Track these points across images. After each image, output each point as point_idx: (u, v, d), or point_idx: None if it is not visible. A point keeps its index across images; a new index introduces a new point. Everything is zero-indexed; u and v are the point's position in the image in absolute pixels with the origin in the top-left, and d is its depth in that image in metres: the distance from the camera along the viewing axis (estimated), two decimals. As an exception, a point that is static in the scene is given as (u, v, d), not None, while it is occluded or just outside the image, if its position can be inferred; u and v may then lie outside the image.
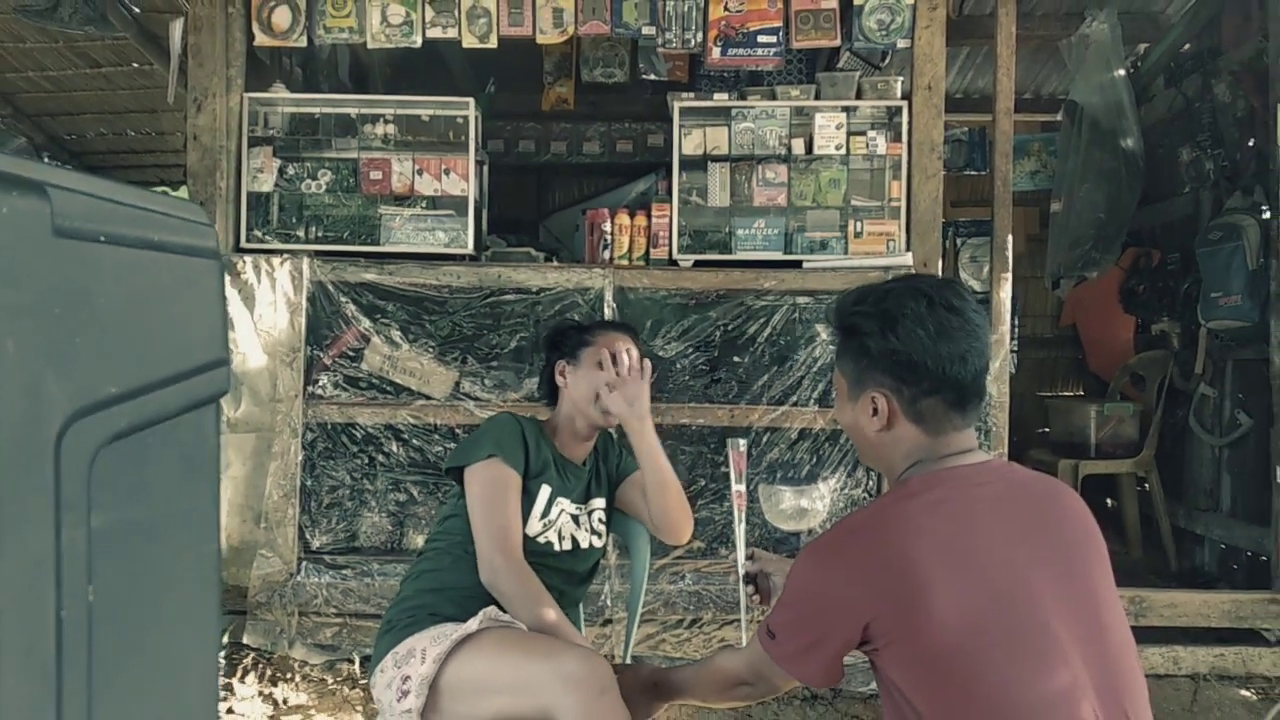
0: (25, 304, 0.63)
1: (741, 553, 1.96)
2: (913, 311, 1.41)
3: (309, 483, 3.56)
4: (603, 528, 2.27)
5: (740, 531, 2.02)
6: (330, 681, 3.45)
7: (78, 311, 0.66)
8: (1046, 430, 5.13)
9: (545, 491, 2.12)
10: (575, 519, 2.18)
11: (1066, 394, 5.83)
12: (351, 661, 3.47)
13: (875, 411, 1.45)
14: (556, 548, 2.14)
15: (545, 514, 2.13)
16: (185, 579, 0.76)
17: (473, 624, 1.89)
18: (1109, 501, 4.87)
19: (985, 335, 1.46)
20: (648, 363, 2.20)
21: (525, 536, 2.08)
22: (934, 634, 1.28)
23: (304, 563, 3.51)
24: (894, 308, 1.42)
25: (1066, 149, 4.80)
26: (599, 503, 2.26)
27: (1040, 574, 1.35)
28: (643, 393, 2.14)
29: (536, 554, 2.08)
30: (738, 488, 2.04)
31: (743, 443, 2.10)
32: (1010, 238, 3.62)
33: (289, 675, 3.44)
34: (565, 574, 2.17)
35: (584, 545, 2.20)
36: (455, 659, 1.85)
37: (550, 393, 2.28)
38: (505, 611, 1.99)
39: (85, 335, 0.67)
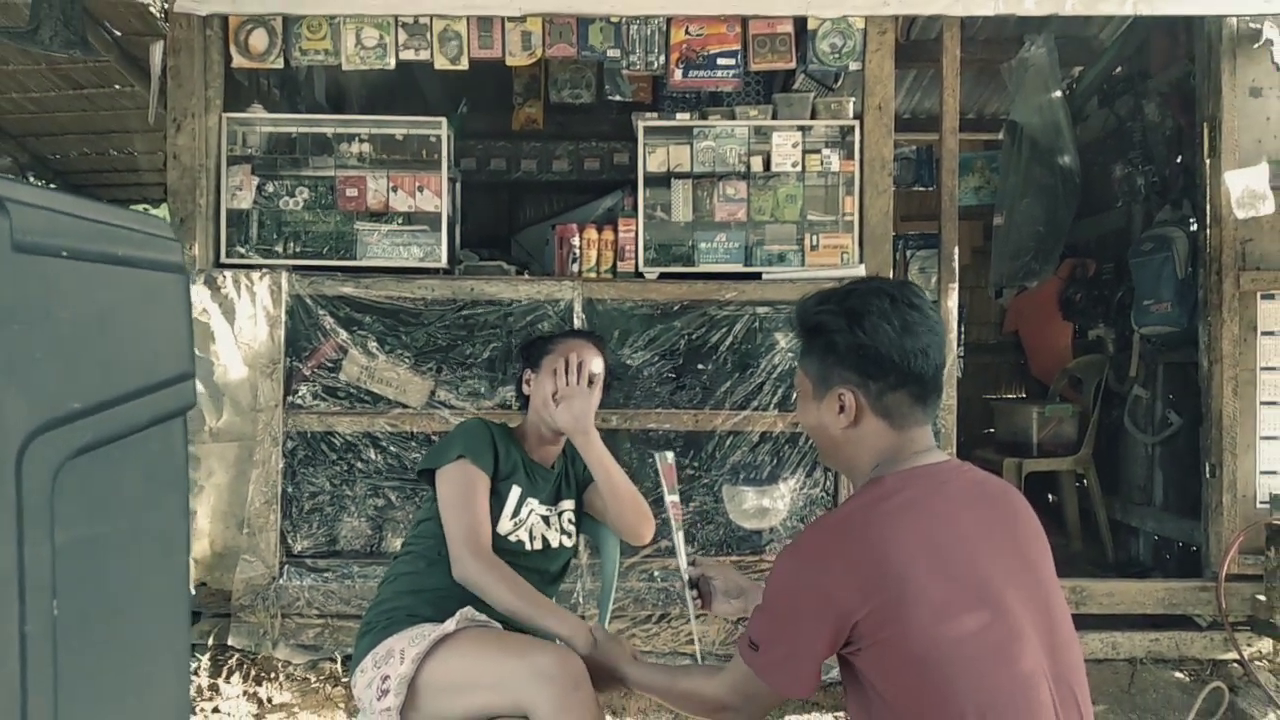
0: (-16, 320, 0.60)
1: (683, 559, 1.91)
2: (877, 308, 1.39)
3: (290, 489, 3.49)
4: (572, 528, 2.25)
5: (679, 539, 1.96)
6: (313, 680, 3.38)
7: (39, 326, 0.63)
8: (992, 431, 5.17)
9: (515, 492, 2.10)
10: (545, 519, 2.16)
11: (1009, 397, 5.88)
12: (333, 660, 3.41)
13: (842, 409, 1.41)
14: (528, 547, 2.12)
15: (515, 514, 2.10)
16: (154, 592, 0.73)
17: (450, 624, 1.87)
18: (1050, 497, 4.92)
19: (943, 332, 1.45)
20: (597, 373, 2.17)
21: (497, 536, 2.06)
22: (918, 630, 1.26)
23: (286, 566, 3.44)
24: (859, 305, 1.41)
25: (1008, 166, 4.85)
26: (568, 504, 2.24)
27: (1003, 568, 1.35)
28: (587, 405, 2.10)
29: (509, 553, 2.05)
30: (671, 498, 1.98)
31: (670, 455, 2.06)
32: (956, 250, 3.64)
33: (273, 675, 3.37)
34: (538, 573, 2.14)
35: (554, 545, 2.18)
36: (433, 658, 1.82)
37: (523, 399, 2.26)
38: (482, 612, 1.96)
39: (46, 350, 0.63)
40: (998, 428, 5.05)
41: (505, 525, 2.09)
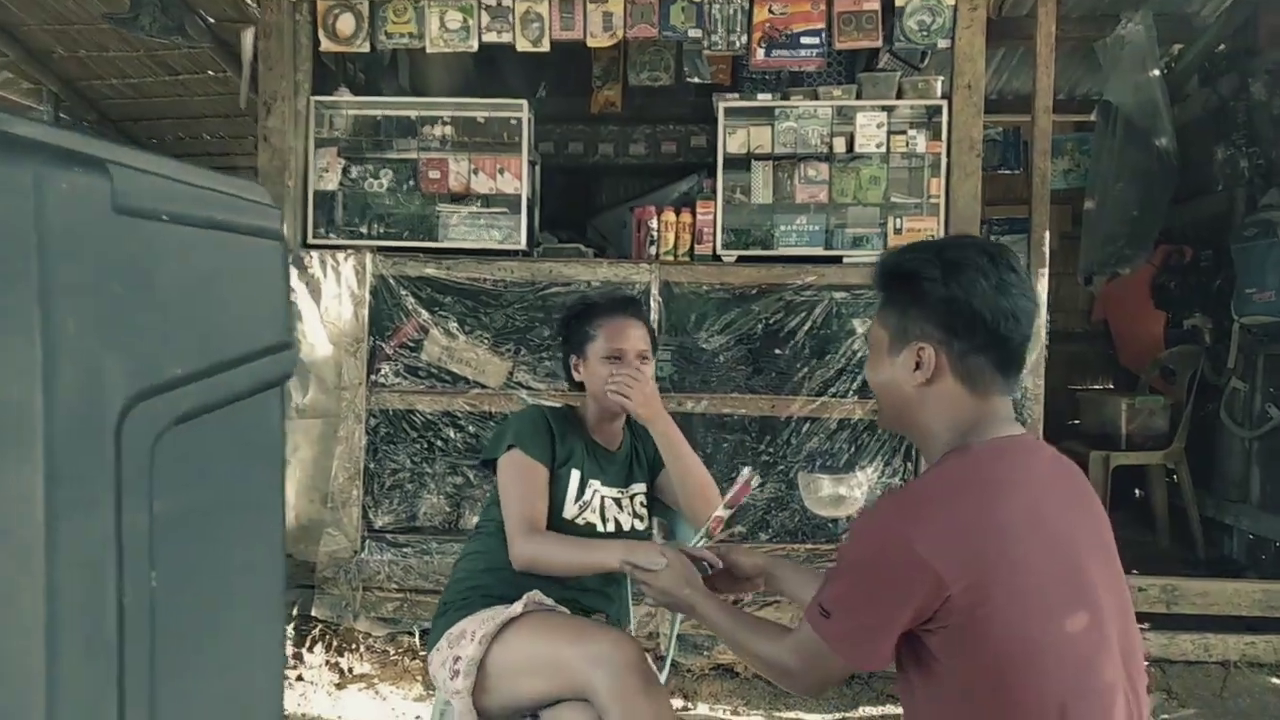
0: (85, 282, 0.58)
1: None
2: (975, 263, 1.30)
3: (372, 465, 3.54)
4: (645, 511, 2.19)
5: (698, 545, 1.82)
6: (392, 653, 3.43)
7: (139, 291, 0.61)
8: (1077, 422, 4.97)
9: (575, 476, 2.06)
10: (617, 502, 2.11)
11: (1097, 387, 5.66)
12: (411, 634, 3.45)
13: (918, 364, 1.31)
14: (600, 529, 2.07)
15: (579, 496, 2.06)
16: (249, 564, 0.71)
17: (517, 607, 1.87)
18: (1137, 492, 4.72)
19: (1037, 303, 1.35)
20: (646, 363, 2.08)
21: (564, 521, 2.03)
22: (1017, 616, 1.18)
23: (367, 540, 3.50)
24: (956, 256, 1.31)
25: (1101, 148, 4.63)
26: (639, 487, 2.18)
27: (1096, 558, 1.28)
28: (645, 389, 2.01)
29: (580, 537, 2.03)
30: (720, 513, 1.83)
31: (757, 479, 1.92)
32: (1047, 234, 3.49)
33: (354, 646, 3.42)
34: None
35: (626, 528, 2.12)
36: (500, 641, 1.82)
37: (574, 382, 2.19)
38: (550, 596, 1.95)
39: (147, 315, 0.61)
40: (1084, 419, 4.85)
41: (570, 510, 2.05)
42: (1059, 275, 5.23)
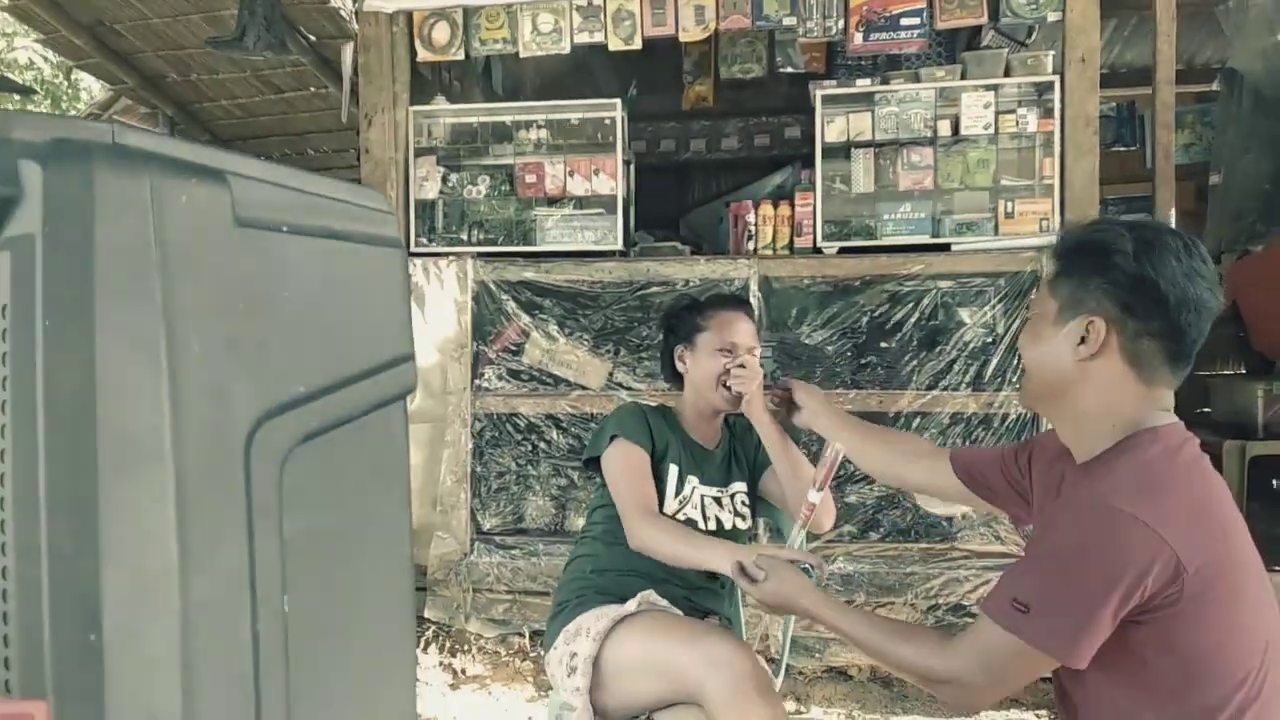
0: (209, 300, 0.55)
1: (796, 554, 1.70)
2: (1170, 245, 1.24)
3: (478, 469, 3.57)
4: (747, 510, 2.13)
5: (798, 538, 1.74)
6: (503, 654, 3.44)
7: (263, 306, 0.58)
8: (1208, 411, 4.67)
9: (673, 471, 2.03)
10: (718, 500, 2.08)
11: (1228, 373, 5.30)
12: (522, 635, 3.46)
13: (1084, 339, 1.25)
14: (701, 527, 2.02)
15: (679, 492, 2.03)
16: (380, 584, 0.68)
17: (631, 605, 1.85)
18: (1275, 483, 4.40)
19: (1220, 300, 1.27)
20: (754, 357, 2.04)
21: (664, 516, 1.98)
22: (1235, 593, 1.17)
23: (476, 543, 3.52)
24: (1151, 236, 1.25)
25: (1226, 119, 4.34)
26: (740, 485, 2.14)
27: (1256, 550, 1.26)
28: (755, 387, 1.96)
29: (693, 532, 1.98)
30: (813, 497, 1.73)
31: (843, 450, 1.78)
32: (1173, 212, 3.28)
33: (466, 647, 3.45)
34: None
35: (728, 526, 2.07)
36: (613, 640, 1.80)
37: (673, 376, 2.16)
38: (664, 597, 1.92)
39: (271, 331, 0.59)
40: (1215, 407, 4.55)
41: (670, 505, 2.02)
42: (1182, 255, 4.93)
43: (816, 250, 3.48)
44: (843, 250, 3.46)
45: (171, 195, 0.54)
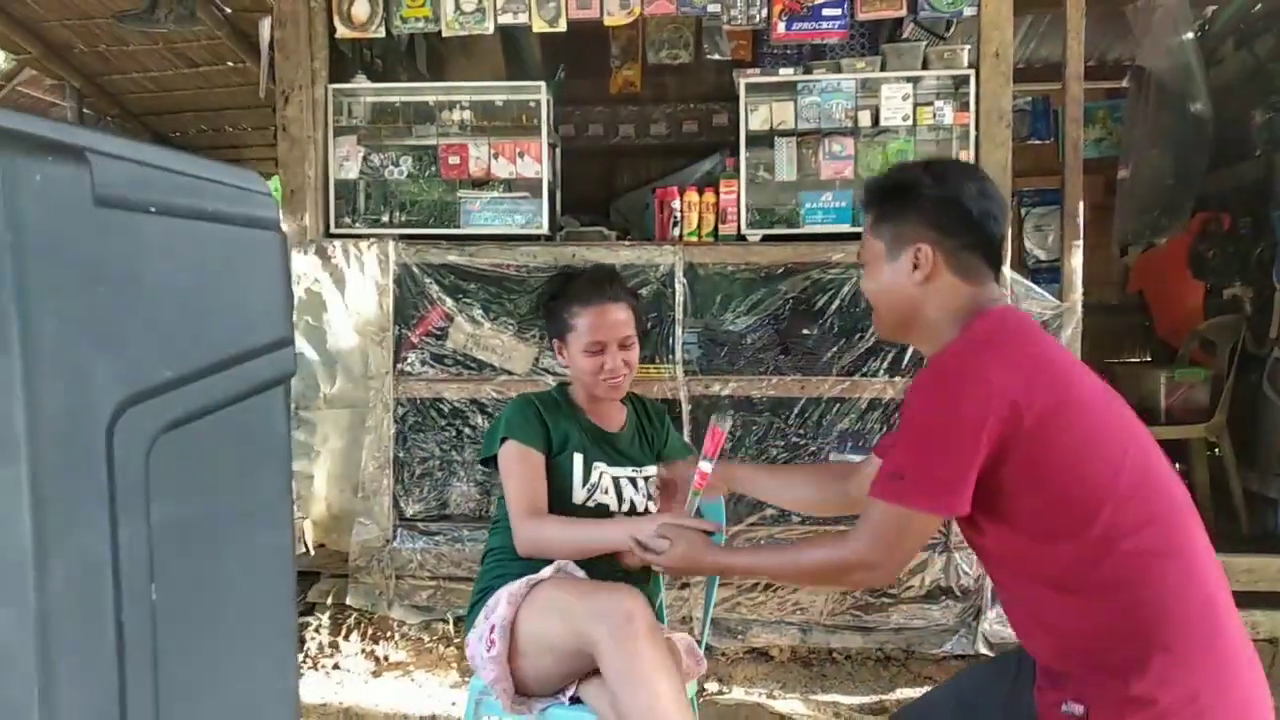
0: (67, 281, 0.53)
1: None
2: (959, 169, 1.55)
3: (401, 454, 3.52)
4: (657, 494, 2.11)
5: (692, 504, 1.82)
6: (427, 640, 3.42)
7: (126, 289, 0.57)
8: (1113, 395, 4.85)
9: (578, 460, 2.00)
10: (632, 482, 2.05)
11: (1134, 360, 5.52)
12: (445, 621, 3.44)
13: (917, 265, 1.45)
14: (615, 509, 2.02)
15: (586, 480, 2.01)
16: (256, 572, 0.67)
17: (546, 571, 1.88)
18: (1178, 466, 4.60)
19: (1007, 206, 1.55)
20: (631, 350, 2.00)
21: (576, 507, 1.99)
22: (1082, 416, 1.33)
23: (399, 529, 3.48)
24: (940, 167, 1.52)
25: (1134, 115, 4.50)
26: (653, 469, 2.11)
27: (1113, 397, 1.46)
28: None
29: (583, 518, 1.98)
30: (704, 466, 1.81)
31: (729, 421, 1.87)
32: (1081, 205, 3.39)
33: (389, 634, 3.42)
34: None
35: (642, 509, 2.06)
36: (526, 605, 1.82)
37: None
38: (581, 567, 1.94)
39: (135, 314, 0.57)
40: (1121, 393, 4.73)
41: (579, 495, 2.00)
42: (1091, 247, 5.11)
43: (740, 237, 3.51)
44: (766, 238, 3.50)
45: (25, 174, 0.52)
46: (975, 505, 1.34)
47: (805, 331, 3.53)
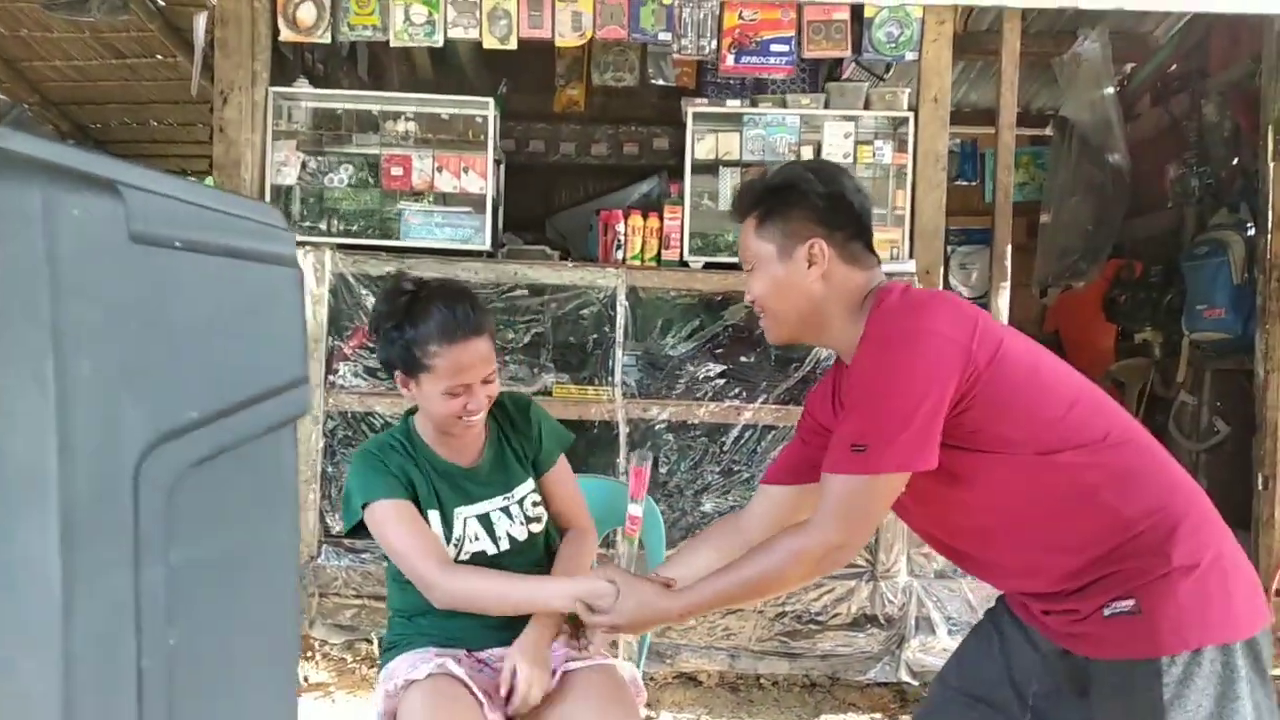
0: (101, 320, 0.53)
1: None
2: (834, 168, 1.63)
3: (329, 469, 3.45)
4: (541, 510, 1.93)
5: (627, 552, 1.77)
6: (349, 660, 3.35)
7: (156, 327, 0.56)
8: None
9: (434, 518, 1.81)
10: (505, 511, 1.87)
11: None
12: (369, 641, 3.37)
13: (812, 262, 1.48)
14: (493, 551, 1.85)
15: (450, 536, 1.82)
16: (265, 613, 0.66)
17: (422, 670, 1.69)
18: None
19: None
20: (491, 385, 1.78)
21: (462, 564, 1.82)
22: (1021, 345, 1.43)
23: (324, 546, 3.40)
24: (823, 166, 1.65)
25: (1056, 163, 4.73)
26: (526, 486, 1.91)
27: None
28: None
29: (508, 574, 1.82)
30: (634, 510, 1.75)
31: (649, 459, 1.81)
32: (1009, 247, 3.54)
33: (310, 654, 3.34)
34: (520, 572, 1.86)
35: (522, 538, 1.88)
36: (403, 699, 1.68)
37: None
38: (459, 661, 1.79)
39: (163, 353, 0.56)
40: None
41: (449, 551, 1.81)
42: (1013, 287, 5.32)
43: (683, 263, 3.56)
44: (708, 265, 3.55)
45: (63, 207, 0.52)
46: (954, 455, 1.37)
47: (743, 359, 3.59)
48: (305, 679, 3.23)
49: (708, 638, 3.39)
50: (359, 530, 1.82)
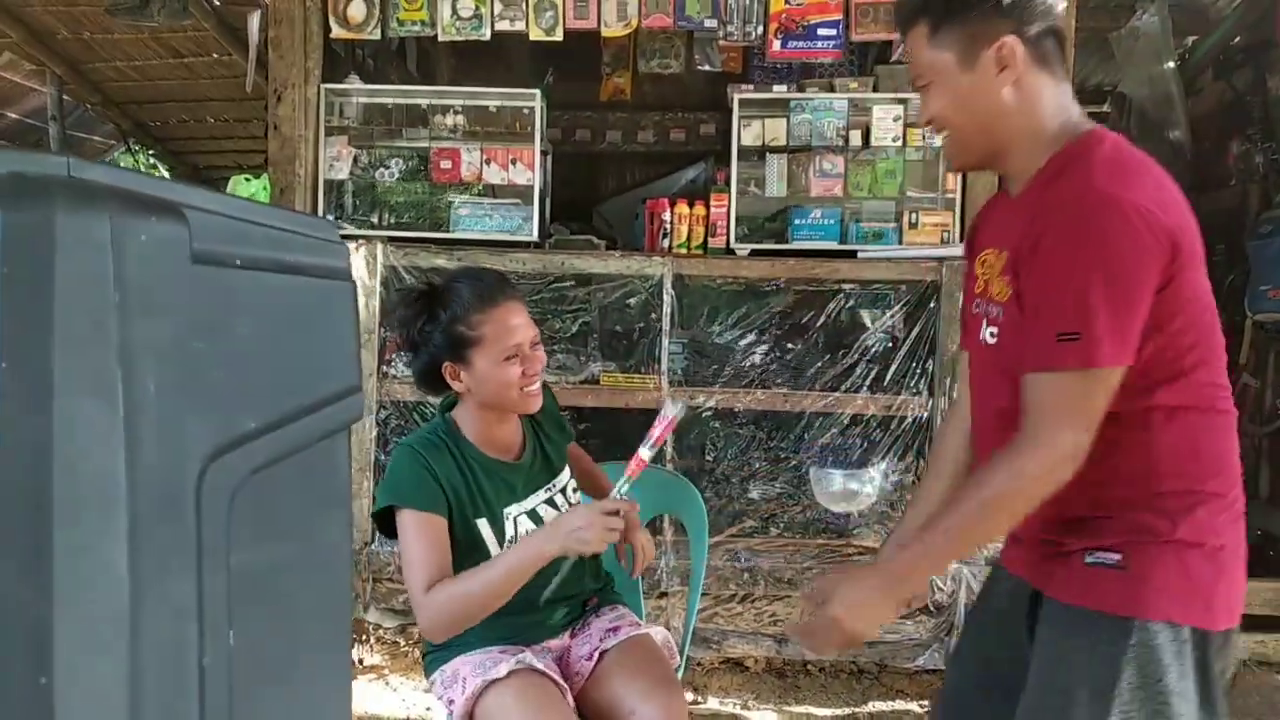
0: (166, 339, 0.56)
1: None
2: None
3: (382, 457, 3.52)
4: (578, 496, 1.94)
5: (622, 488, 1.69)
6: (403, 644, 3.43)
7: (217, 343, 0.59)
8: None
9: (484, 527, 1.78)
10: (551, 503, 1.87)
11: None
12: (421, 627, 3.44)
13: (1004, 66, 1.28)
14: None
15: (502, 539, 1.80)
16: (320, 611, 0.69)
17: (502, 669, 1.70)
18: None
19: None
20: (539, 347, 1.79)
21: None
22: (1199, 256, 1.26)
23: (377, 532, 3.47)
24: None
25: (1114, 141, 4.60)
26: (566, 475, 1.93)
27: None
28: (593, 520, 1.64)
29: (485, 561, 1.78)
30: (644, 453, 1.68)
31: (682, 409, 1.72)
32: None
33: (364, 638, 3.42)
34: (565, 561, 1.78)
35: None
36: (484, 701, 1.69)
37: (434, 385, 1.82)
38: (539, 642, 1.84)
39: (225, 368, 0.59)
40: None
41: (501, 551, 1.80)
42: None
43: (729, 251, 3.55)
44: (754, 253, 3.54)
45: (131, 233, 0.54)
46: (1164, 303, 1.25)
47: (791, 346, 3.58)
48: (360, 662, 3.32)
49: (755, 624, 3.40)
50: (381, 519, 1.80)
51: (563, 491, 1.91)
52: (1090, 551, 1.28)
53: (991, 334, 1.38)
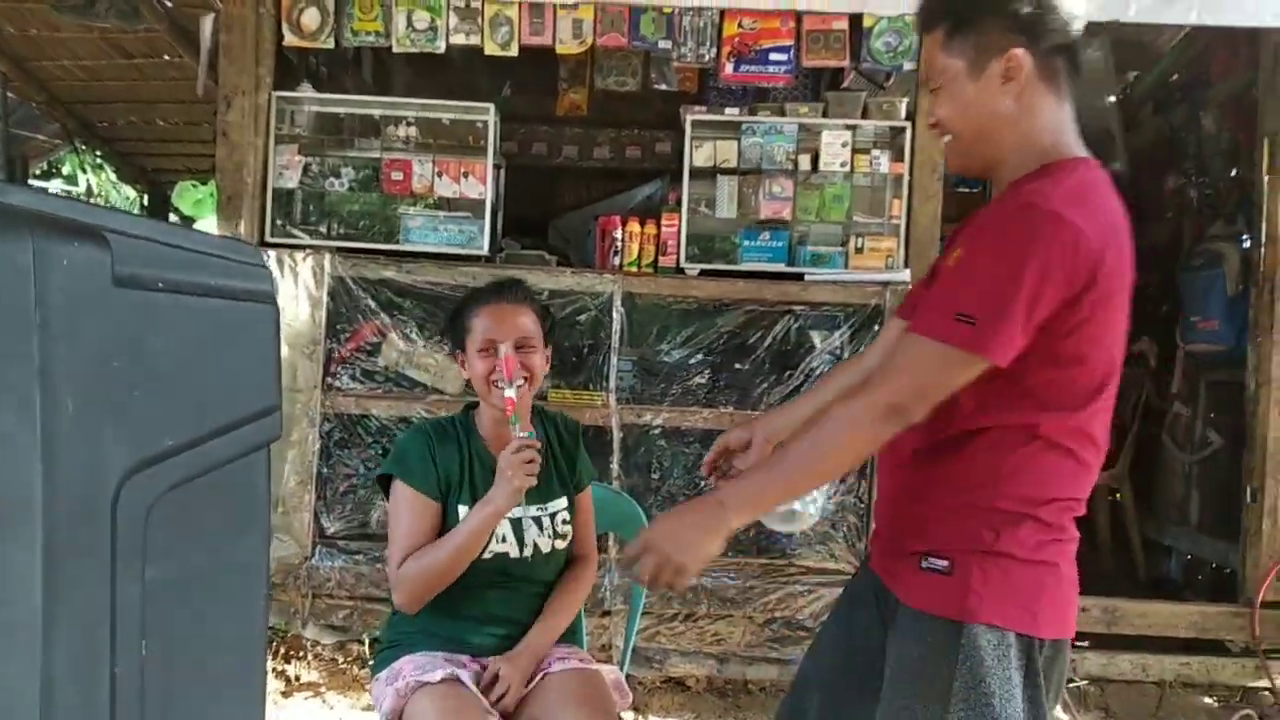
0: (86, 359, 0.58)
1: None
2: None
3: (324, 470, 3.51)
4: (567, 529, 1.96)
5: (515, 430, 1.76)
6: (340, 661, 3.41)
7: (136, 363, 0.62)
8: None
9: (464, 512, 1.84)
10: (537, 521, 1.91)
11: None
12: (361, 643, 3.43)
13: (1010, 77, 1.31)
14: (515, 555, 1.89)
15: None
16: (235, 626, 0.72)
17: (436, 674, 1.76)
18: (1082, 509, 4.84)
19: None
20: (533, 354, 1.87)
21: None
22: (1120, 296, 1.30)
23: (318, 547, 3.47)
24: None
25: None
26: (561, 504, 1.96)
27: None
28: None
29: (493, 571, 1.87)
30: (508, 392, 1.76)
31: (509, 349, 1.81)
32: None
33: (301, 654, 3.40)
34: (528, 583, 1.93)
35: (545, 549, 1.92)
36: (411, 703, 1.74)
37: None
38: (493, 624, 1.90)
39: (143, 387, 0.62)
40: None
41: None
42: (1013, 294, 5.35)
43: (679, 270, 3.61)
44: (704, 272, 3.60)
45: (53, 257, 0.57)
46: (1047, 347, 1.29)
47: (738, 366, 3.64)
48: (297, 678, 3.30)
49: (696, 643, 3.44)
50: (384, 482, 1.92)
51: (552, 516, 1.94)
52: (924, 557, 1.34)
53: None
